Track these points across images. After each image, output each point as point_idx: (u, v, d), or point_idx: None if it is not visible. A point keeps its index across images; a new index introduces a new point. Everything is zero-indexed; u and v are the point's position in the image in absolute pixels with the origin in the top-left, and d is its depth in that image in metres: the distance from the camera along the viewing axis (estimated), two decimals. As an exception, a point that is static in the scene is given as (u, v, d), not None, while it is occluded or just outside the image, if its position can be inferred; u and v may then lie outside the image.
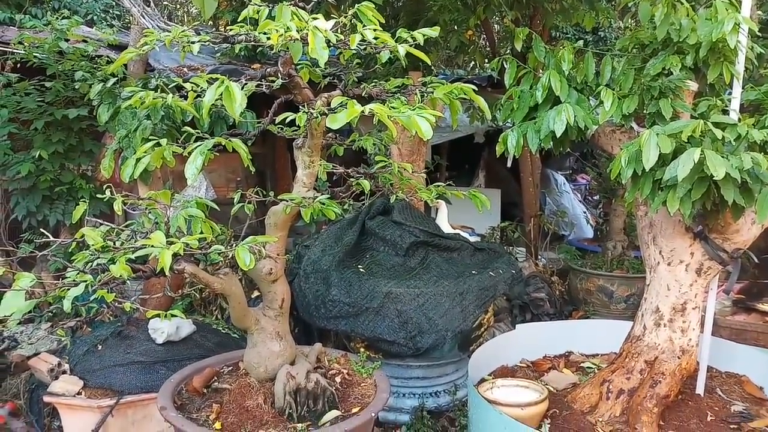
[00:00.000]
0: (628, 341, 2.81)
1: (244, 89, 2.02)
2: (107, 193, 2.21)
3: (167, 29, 2.86)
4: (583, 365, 3.22)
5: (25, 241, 4.14)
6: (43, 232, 2.26)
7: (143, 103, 2.14)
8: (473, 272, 3.72)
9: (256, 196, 2.41)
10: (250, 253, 2.00)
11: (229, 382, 2.62)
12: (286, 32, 1.89)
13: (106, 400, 3.00)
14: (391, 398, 2.68)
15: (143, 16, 4.41)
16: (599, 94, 2.54)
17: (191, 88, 2.11)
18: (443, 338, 3.36)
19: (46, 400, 3.06)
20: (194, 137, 2.16)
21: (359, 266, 3.65)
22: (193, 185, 4.80)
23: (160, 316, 2.09)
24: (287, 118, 2.29)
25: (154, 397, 2.76)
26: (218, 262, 2.28)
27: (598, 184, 6.51)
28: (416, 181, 3.00)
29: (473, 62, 6.92)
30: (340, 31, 2.10)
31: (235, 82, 1.90)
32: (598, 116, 2.55)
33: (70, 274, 1.97)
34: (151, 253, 1.90)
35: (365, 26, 2.05)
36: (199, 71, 4.80)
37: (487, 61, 6.48)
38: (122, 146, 3.35)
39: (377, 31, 2.04)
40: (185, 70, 4.76)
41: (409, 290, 3.42)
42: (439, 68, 7.95)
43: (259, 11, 2.10)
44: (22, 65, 4.19)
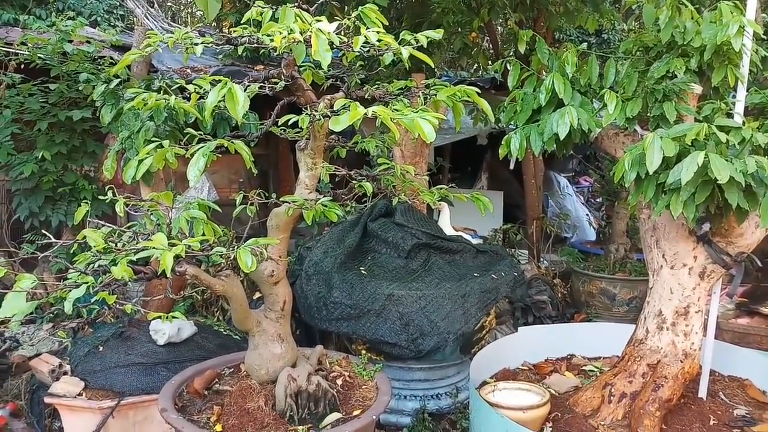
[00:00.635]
0: (630, 344, 2.80)
1: (246, 91, 2.02)
2: (110, 194, 2.20)
3: (171, 30, 2.86)
4: (585, 368, 3.21)
5: (27, 241, 4.14)
6: (45, 233, 2.26)
7: (146, 104, 2.13)
8: (475, 275, 3.71)
9: (258, 197, 2.40)
10: (251, 255, 1.99)
11: (230, 384, 2.61)
12: (289, 34, 1.89)
13: (107, 401, 3.00)
14: (392, 400, 2.67)
15: (147, 17, 4.42)
16: (603, 96, 2.54)
17: (194, 89, 2.11)
18: (445, 341, 3.35)
19: (47, 401, 3.05)
20: (197, 139, 2.16)
21: (361, 268, 3.65)
22: (195, 187, 4.81)
23: (161, 317, 2.09)
24: (290, 120, 2.29)
25: (155, 398, 2.76)
26: (220, 263, 2.28)
27: (600, 186, 6.50)
28: (419, 183, 2.99)
29: (476, 64, 6.92)
30: (343, 33, 2.09)
31: (237, 83, 1.90)
32: (601, 119, 2.55)
33: (71, 275, 1.97)
34: (152, 254, 1.90)
35: (368, 28, 2.05)
36: (202, 73, 4.80)
37: (490, 63, 6.48)
38: (125, 147, 3.35)
39: (380, 33, 2.03)
40: (188, 71, 4.77)
41: (411, 292, 3.41)
42: (441, 70, 7.95)
43: (262, 13, 2.09)
44: (25, 66, 4.19)
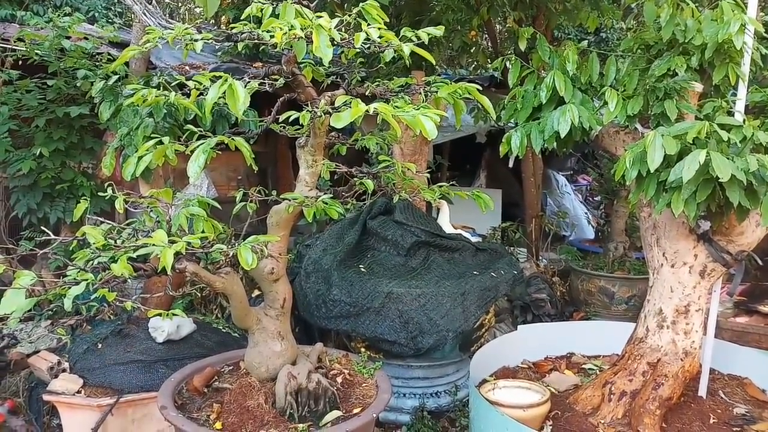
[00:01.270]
0: (630, 343, 2.80)
1: (246, 87, 2.01)
2: (109, 191, 2.19)
3: (169, 27, 2.85)
4: (584, 367, 3.21)
5: (25, 238, 4.12)
6: (43, 230, 2.24)
7: (146, 100, 2.12)
8: (475, 273, 3.71)
9: (258, 195, 2.39)
10: (252, 252, 1.99)
11: (229, 381, 2.60)
12: (290, 30, 1.88)
13: (105, 398, 2.99)
14: (391, 398, 2.67)
15: (145, 13, 4.39)
16: (603, 94, 2.53)
17: (194, 86, 2.10)
18: (444, 339, 3.35)
19: (45, 398, 3.04)
20: (197, 136, 2.15)
21: (360, 266, 3.64)
22: (194, 183, 4.80)
23: (161, 315, 2.08)
24: (291, 117, 2.28)
25: (154, 396, 2.75)
26: (219, 260, 2.27)
27: (599, 185, 6.49)
28: (419, 181, 2.98)
29: (475, 63, 6.90)
30: (344, 29, 2.08)
31: (238, 80, 1.89)
32: (602, 117, 2.54)
33: (70, 272, 1.96)
34: (152, 251, 1.89)
35: (370, 25, 2.04)
36: (201, 69, 4.79)
37: (489, 61, 6.46)
38: (124, 144, 3.33)
39: (382, 29, 2.02)
40: (187, 68, 4.75)
41: (410, 290, 3.40)
42: (440, 67, 7.93)
43: (262, 9, 2.08)
44: (23, 62, 4.17)
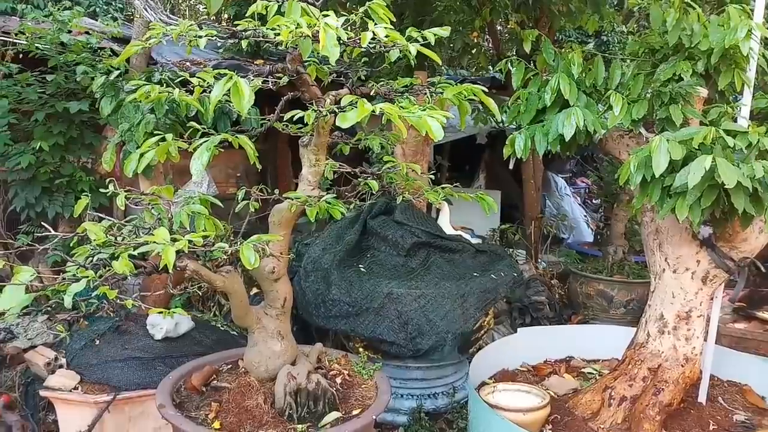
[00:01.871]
0: (631, 348, 2.79)
1: (250, 85, 1.99)
2: (110, 187, 2.18)
3: (170, 23, 2.83)
4: (584, 371, 3.20)
5: (23, 233, 4.10)
6: (42, 224, 2.22)
7: (148, 96, 2.10)
8: (475, 274, 3.70)
9: (260, 193, 2.37)
10: (254, 251, 1.97)
11: (228, 380, 2.59)
12: (296, 28, 1.86)
13: (102, 395, 2.97)
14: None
15: (146, 9, 4.37)
16: (608, 98, 2.52)
17: (198, 83, 2.08)
18: (443, 340, 3.34)
19: (42, 394, 3.03)
20: (200, 133, 2.13)
21: (360, 266, 3.63)
22: (195, 181, 4.78)
23: (162, 313, 2.06)
24: (295, 115, 2.26)
25: (151, 393, 2.73)
26: (218, 259, 2.25)
27: (599, 188, 6.49)
28: (422, 181, 2.97)
29: (477, 64, 6.90)
30: (350, 28, 2.07)
31: (242, 77, 1.88)
32: (607, 120, 2.53)
33: (70, 268, 1.94)
34: (154, 249, 1.87)
35: (376, 24, 2.02)
36: (202, 66, 4.76)
37: (490, 63, 6.45)
38: (124, 140, 3.31)
39: (388, 29, 2.01)
40: (188, 64, 4.72)
41: (410, 291, 3.39)
42: (442, 68, 7.91)
43: (267, 6, 2.07)
44: (23, 56, 4.15)
